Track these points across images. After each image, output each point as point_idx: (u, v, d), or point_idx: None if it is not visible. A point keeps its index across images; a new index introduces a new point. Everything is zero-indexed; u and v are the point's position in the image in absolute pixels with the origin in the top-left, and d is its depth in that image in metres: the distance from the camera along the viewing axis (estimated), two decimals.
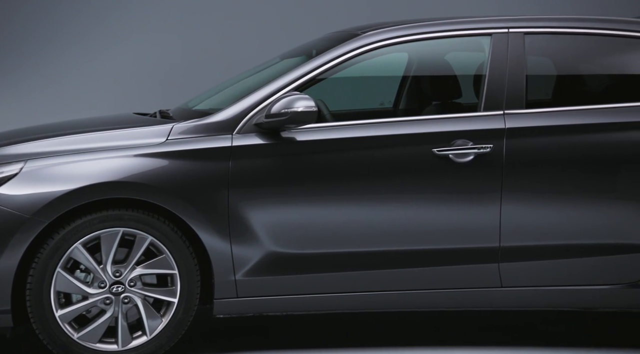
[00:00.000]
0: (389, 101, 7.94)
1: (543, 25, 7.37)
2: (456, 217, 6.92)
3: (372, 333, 7.81)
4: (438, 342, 7.33)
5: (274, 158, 6.86)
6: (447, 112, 7.29)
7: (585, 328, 7.71)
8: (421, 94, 7.61)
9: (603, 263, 6.96)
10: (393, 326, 7.80)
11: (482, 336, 7.52)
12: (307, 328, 7.85)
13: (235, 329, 7.75)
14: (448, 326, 7.80)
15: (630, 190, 6.92)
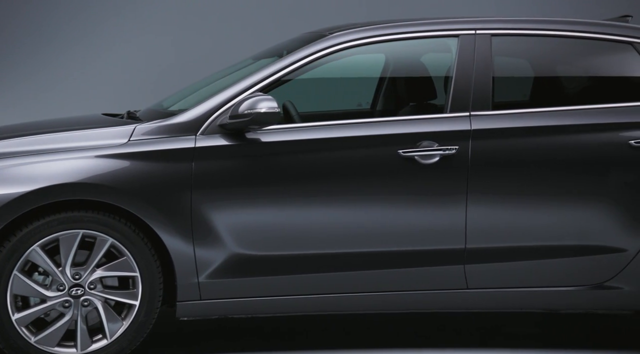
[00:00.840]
0: (366, 102, 7.55)
1: (510, 27, 6.90)
2: (422, 218, 6.46)
3: (333, 335, 7.34)
4: (402, 344, 6.96)
5: (238, 159, 6.40)
6: (423, 113, 6.82)
7: (553, 330, 7.37)
8: (397, 95, 7.29)
9: (568, 265, 6.52)
10: (352, 327, 7.45)
11: (454, 338, 7.17)
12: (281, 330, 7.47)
13: (203, 332, 7.32)
14: (418, 328, 7.44)
15: (596, 192, 6.47)
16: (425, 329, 7.35)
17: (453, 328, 7.39)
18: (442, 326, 7.42)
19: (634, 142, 6.48)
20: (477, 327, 7.39)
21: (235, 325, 7.45)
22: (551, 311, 6.64)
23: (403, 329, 7.37)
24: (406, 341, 6.94)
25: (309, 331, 7.37)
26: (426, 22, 6.88)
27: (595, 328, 7.32)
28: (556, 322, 7.48)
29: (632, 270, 6.43)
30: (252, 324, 7.26)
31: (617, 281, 6.50)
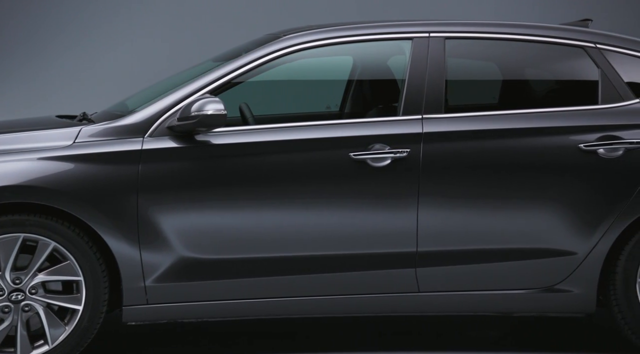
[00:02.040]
0: (335, 104, 7.00)
1: (464, 30, 6.25)
2: (373, 222, 5.86)
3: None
4: (361, 348, 6.45)
5: (187, 162, 5.84)
6: (390, 116, 6.09)
7: (512, 332, 6.89)
8: (363, 97, 6.63)
9: (519, 268, 5.92)
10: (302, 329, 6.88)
11: (415, 341, 6.65)
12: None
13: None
14: (381, 330, 6.86)
15: (546, 195, 5.87)
16: (390, 332, 6.84)
17: (410, 331, 6.88)
18: (404, 329, 6.89)
19: (584, 145, 5.98)
20: (437, 331, 6.87)
21: (202, 327, 6.82)
22: (503, 314, 6.09)
23: (358, 332, 6.82)
24: (368, 344, 6.53)
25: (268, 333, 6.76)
26: (380, 25, 6.27)
27: (551, 330, 6.79)
28: (513, 324, 6.97)
29: (582, 273, 5.88)
30: (192, 326, 6.83)
31: (567, 284, 5.93)
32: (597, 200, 5.95)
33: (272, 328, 6.82)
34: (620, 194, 5.95)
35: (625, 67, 6.13)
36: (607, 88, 6.12)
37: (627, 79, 6.12)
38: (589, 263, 5.95)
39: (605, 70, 6.14)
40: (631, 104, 6.11)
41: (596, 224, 5.94)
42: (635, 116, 6.07)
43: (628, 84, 6.10)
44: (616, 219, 5.93)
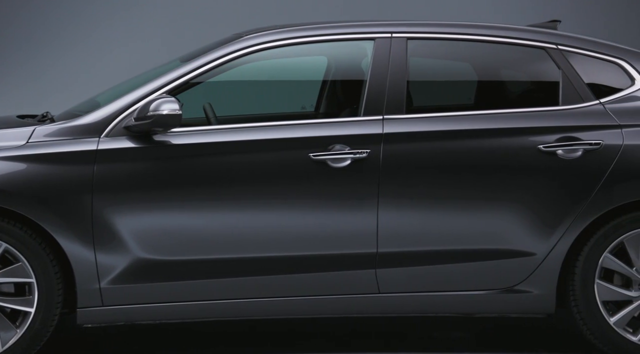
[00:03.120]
0: (310, 105, 6.42)
1: (426, 30, 5.70)
2: (333, 223, 5.39)
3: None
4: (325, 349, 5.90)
5: (144, 162, 5.28)
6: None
7: (488, 333, 6.34)
8: (336, 98, 6.09)
9: (479, 269, 5.48)
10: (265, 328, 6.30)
11: (371, 343, 6.08)
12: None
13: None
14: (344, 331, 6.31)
15: (505, 196, 5.44)
16: (350, 332, 6.28)
17: (371, 333, 6.31)
18: (366, 330, 6.33)
19: (543, 147, 5.46)
20: (408, 333, 6.31)
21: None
22: (464, 315, 5.62)
23: (318, 333, 6.25)
24: (331, 345, 5.97)
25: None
26: (342, 25, 5.72)
27: (515, 330, 6.28)
28: (478, 325, 6.42)
29: (541, 274, 5.41)
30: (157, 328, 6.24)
31: (526, 284, 5.47)
32: (556, 201, 5.44)
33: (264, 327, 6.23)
34: (579, 195, 5.44)
35: (586, 68, 5.63)
36: (568, 89, 5.59)
37: (587, 80, 5.62)
38: (548, 264, 5.45)
39: (566, 71, 5.62)
40: (591, 105, 5.59)
41: (555, 225, 5.44)
42: (594, 117, 5.55)
43: (589, 85, 5.61)
44: (575, 220, 5.43)
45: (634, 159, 5.44)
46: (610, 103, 5.57)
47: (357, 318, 6.22)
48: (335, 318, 6.09)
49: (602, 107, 5.54)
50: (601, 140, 5.46)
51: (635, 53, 5.66)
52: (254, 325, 6.30)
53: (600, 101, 5.58)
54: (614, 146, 5.45)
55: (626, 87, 5.63)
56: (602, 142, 5.46)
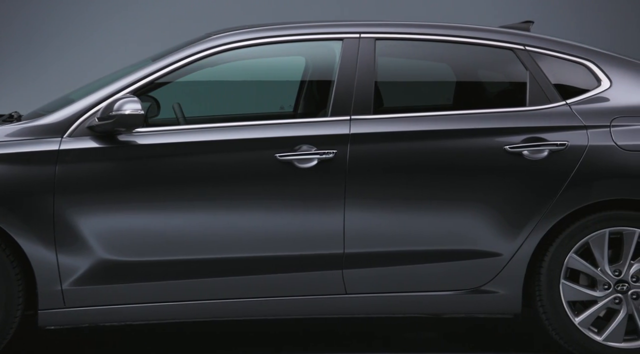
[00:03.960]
0: (289, 105, 6.01)
1: (395, 31, 5.31)
2: (299, 223, 5.01)
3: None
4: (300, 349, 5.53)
5: (108, 162, 4.88)
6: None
7: (459, 334, 5.94)
8: (313, 98, 5.71)
9: (445, 269, 5.11)
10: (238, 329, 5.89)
11: (349, 343, 5.70)
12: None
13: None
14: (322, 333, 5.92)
15: (472, 197, 5.07)
16: (321, 332, 5.89)
17: (343, 333, 5.92)
18: (337, 330, 5.94)
19: (509, 147, 5.10)
20: (379, 333, 5.91)
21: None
22: (432, 315, 5.28)
23: (299, 332, 5.86)
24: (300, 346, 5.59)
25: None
26: (311, 25, 5.36)
27: (488, 330, 5.93)
28: (447, 326, 6.04)
29: (507, 274, 5.09)
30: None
31: (493, 285, 5.12)
32: (522, 201, 5.09)
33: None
34: (545, 196, 5.09)
35: (553, 69, 5.28)
36: (535, 90, 5.24)
37: (554, 81, 5.27)
38: (514, 264, 5.10)
39: (533, 72, 5.26)
40: (557, 106, 5.24)
41: (521, 225, 5.09)
42: (560, 118, 5.20)
43: (555, 86, 5.26)
44: (540, 220, 5.08)
45: (599, 159, 5.11)
46: (576, 104, 5.21)
47: (326, 318, 5.80)
48: (302, 318, 5.64)
49: (569, 108, 5.16)
50: (567, 141, 5.12)
51: (602, 54, 5.29)
52: (242, 325, 5.94)
53: (567, 102, 5.23)
54: (579, 146, 5.11)
55: (593, 88, 5.30)
56: (568, 142, 5.12)
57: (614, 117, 5.18)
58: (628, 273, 5.15)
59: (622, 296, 5.16)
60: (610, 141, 5.12)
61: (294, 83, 5.97)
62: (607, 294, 5.17)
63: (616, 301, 5.16)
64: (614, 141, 5.12)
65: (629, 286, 5.15)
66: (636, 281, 5.16)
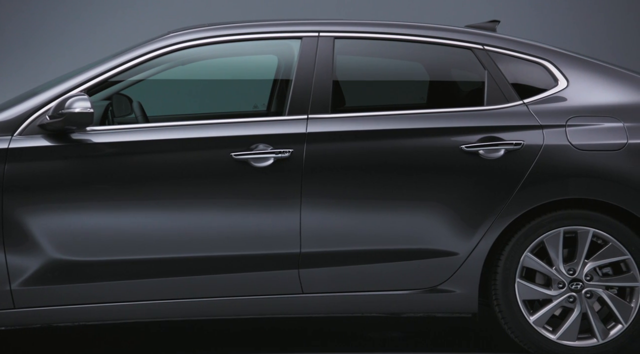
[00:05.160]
0: (262, 103, 5.57)
1: (354, 29, 4.86)
2: (255, 223, 4.56)
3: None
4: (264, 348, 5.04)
5: (59, 161, 4.40)
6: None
7: (421, 333, 5.44)
8: (282, 97, 5.13)
9: (402, 268, 4.67)
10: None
11: (314, 342, 5.21)
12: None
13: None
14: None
15: (428, 196, 4.65)
16: (284, 332, 5.40)
17: (305, 331, 5.42)
18: (301, 329, 5.45)
19: (465, 146, 4.68)
20: (336, 332, 5.43)
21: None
22: (390, 314, 4.90)
23: (256, 331, 5.37)
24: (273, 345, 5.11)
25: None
26: (269, 24, 4.90)
27: (449, 329, 5.46)
28: (412, 325, 5.55)
29: (464, 273, 4.69)
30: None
31: (449, 284, 4.71)
32: (478, 201, 4.69)
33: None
34: (500, 195, 4.69)
35: (511, 68, 4.87)
36: (493, 90, 4.83)
37: (512, 80, 4.87)
38: (470, 263, 4.70)
39: (491, 71, 4.86)
40: (514, 105, 4.84)
41: (477, 224, 4.69)
42: (517, 117, 4.79)
43: (513, 85, 4.86)
44: (496, 219, 4.68)
45: (554, 159, 4.71)
46: (533, 104, 4.79)
47: (293, 318, 5.41)
48: (263, 317, 5.20)
49: (526, 107, 4.72)
50: (522, 140, 4.72)
51: (560, 54, 4.84)
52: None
53: (524, 102, 4.81)
54: (534, 146, 4.70)
55: (550, 87, 4.89)
56: (523, 142, 4.71)
57: (569, 116, 4.74)
58: (582, 271, 4.77)
59: (576, 294, 4.79)
60: (566, 141, 4.71)
61: (259, 82, 5.57)
62: (562, 293, 4.78)
63: (570, 299, 4.77)
64: (569, 141, 4.72)
65: (583, 284, 4.77)
66: (590, 280, 4.77)
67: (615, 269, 4.84)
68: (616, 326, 4.79)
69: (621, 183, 4.72)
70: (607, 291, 4.79)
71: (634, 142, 4.76)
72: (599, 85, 4.91)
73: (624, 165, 4.73)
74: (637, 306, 4.76)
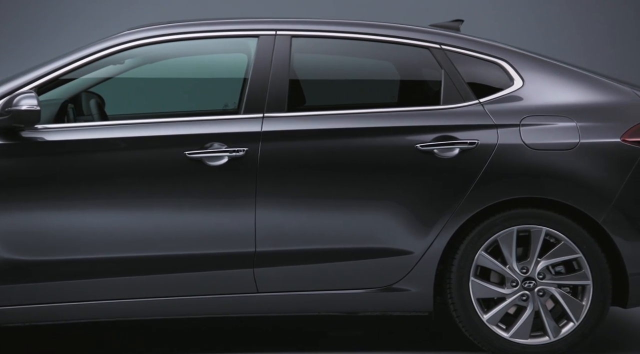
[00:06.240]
0: (233, 102, 5.13)
1: (312, 28, 4.64)
2: (210, 222, 4.34)
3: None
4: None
5: (6, 159, 4.14)
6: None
7: (382, 332, 5.19)
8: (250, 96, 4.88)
9: (357, 267, 4.47)
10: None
11: (278, 342, 4.97)
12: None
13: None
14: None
15: (384, 195, 4.44)
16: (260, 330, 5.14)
17: (267, 329, 5.18)
18: (267, 329, 5.19)
19: (420, 146, 4.48)
20: (305, 331, 5.19)
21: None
22: (345, 313, 4.66)
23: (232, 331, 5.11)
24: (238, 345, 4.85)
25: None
26: (225, 22, 4.67)
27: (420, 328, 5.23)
28: (380, 324, 5.30)
29: (418, 272, 4.50)
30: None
31: (404, 283, 4.51)
32: (433, 200, 4.50)
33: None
34: (455, 194, 4.51)
35: (468, 68, 4.69)
36: (449, 89, 4.65)
37: (469, 80, 4.68)
38: (425, 262, 4.52)
39: (448, 71, 4.67)
40: (470, 105, 4.65)
41: (432, 223, 4.50)
42: (472, 116, 4.61)
43: (470, 84, 4.67)
44: (451, 218, 4.50)
45: (507, 158, 4.53)
46: (489, 103, 4.62)
47: (259, 318, 5.21)
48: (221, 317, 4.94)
49: (481, 107, 4.56)
50: (477, 139, 4.55)
51: (516, 53, 4.66)
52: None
53: (480, 101, 4.64)
54: (488, 145, 4.52)
55: (506, 87, 4.70)
56: (478, 141, 4.54)
57: (524, 116, 4.56)
58: (535, 270, 4.60)
59: (529, 293, 4.61)
60: (519, 140, 4.54)
61: (229, 80, 5.24)
62: (515, 292, 4.61)
63: (523, 298, 4.61)
64: (522, 140, 4.55)
65: (536, 283, 4.60)
66: (542, 278, 4.59)
67: (567, 267, 4.66)
68: (568, 324, 4.64)
69: (573, 182, 4.56)
70: (559, 289, 4.62)
71: (586, 142, 4.59)
72: (554, 85, 4.73)
73: (575, 164, 4.56)
74: (588, 304, 4.60)
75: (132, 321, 4.79)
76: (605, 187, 4.56)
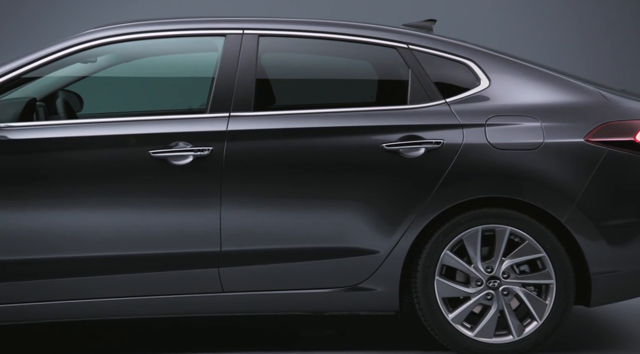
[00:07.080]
0: (202, 103, 4.89)
1: (279, 27, 4.49)
2: (175, 221, 4.18)
3: None
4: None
5: None
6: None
7: (358, 331, 5.06)
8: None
9: (323, 267, 4.33)
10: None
11: (251, 342, 4.78)
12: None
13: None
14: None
15: (349, 194, 4.30)
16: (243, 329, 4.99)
17: (236, 328, 5.01)
18: (247, 328, 5.01)
19: (386, 145, 4.35)
20: (275, 331, 5.03)
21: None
22: (311, 313, 4.51)
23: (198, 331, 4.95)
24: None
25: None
26: (193, 20, 4.51)
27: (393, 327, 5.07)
28: (353, 323, 5.16)
29: (384, 272, 4.38)
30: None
31: (370, 282, 4.39)
32: (399, 199, 4.37)
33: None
34: (420, 194, 4.38)
35: (435, 68, 4.55)
36: (416, 88, 4.51)
37: (436, 79, 4.55)
38: (390, 262, 4.39)
39: (415, 70, 4.54)
40: (436, 104, 4.52)
41: (397, 223, 4.37)
42: (438, 116, 4.48)
43: (436, 84, 4.54)
44: (416, 218, 4.37)
45: (473, 158, 4.41)
46: (455, 103, 4.50)
47: (233, 317, 5.02)
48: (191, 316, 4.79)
49: (448, 106, 4.44)
50: (442, 139, 4.42)
51: (483, 53, 4.54)
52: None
53: (446, 101, 4.51)
54: (454, 145, 4.40)
55: (472, 87, 4.57)
56: (443, 141, 4.41)
57: (489, 116, 4.45)
58: (499, 269, 4.48)
59: (493, 292, 4.49)
60: (484, 140, 4.42)
61: (198, 80, 5.04)
62: (480, 291, 4.50)
63: (488, 297, 4.49)
64: (487, 140, 4.42)
65: (500, 282, 4.48)
66: (507, 278, 4.47)
67: (532, 267, 4.54)
68: (531, 323, 4.52)
69: (536, 182, 4.44)
70: (523, 289, 4.50)
71: (550, 142, 4.47)
72: (520, 85, 4.60)
73: (539, 164, 4.45)
74: (551, 303, 4.48)
75: (117, 321, 4.63)
76: (569, 187, 4.44)
